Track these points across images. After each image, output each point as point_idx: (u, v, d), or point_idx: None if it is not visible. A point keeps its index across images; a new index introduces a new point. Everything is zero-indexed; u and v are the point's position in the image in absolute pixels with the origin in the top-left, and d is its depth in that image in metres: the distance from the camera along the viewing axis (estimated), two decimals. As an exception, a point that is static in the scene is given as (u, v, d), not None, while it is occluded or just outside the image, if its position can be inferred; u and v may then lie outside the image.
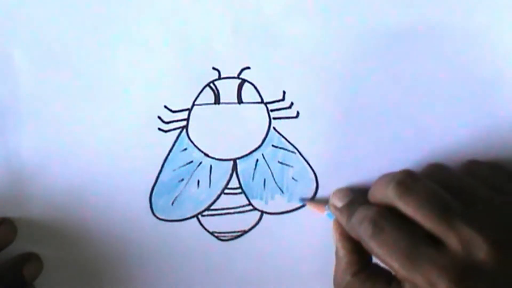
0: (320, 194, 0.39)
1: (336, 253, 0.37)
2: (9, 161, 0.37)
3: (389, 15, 0.36)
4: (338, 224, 0.37)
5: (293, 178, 0.39)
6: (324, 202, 0.39)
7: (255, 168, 0.39)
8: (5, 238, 0.37)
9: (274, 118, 0.38)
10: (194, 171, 0.39)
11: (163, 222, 0.39)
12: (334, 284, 0.36)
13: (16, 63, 0.36)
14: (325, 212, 0.38)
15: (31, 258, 0.39)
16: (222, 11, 0.36)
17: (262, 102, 0.38)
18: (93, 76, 0.36)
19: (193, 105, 0.37)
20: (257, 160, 0.39)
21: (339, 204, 0.37)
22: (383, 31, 0.36)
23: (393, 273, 0.33)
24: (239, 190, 0.39)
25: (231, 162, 0.39)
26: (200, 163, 0.38)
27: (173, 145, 0.38)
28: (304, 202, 0.39)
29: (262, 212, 0.40)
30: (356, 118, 0.38)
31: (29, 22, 0.36)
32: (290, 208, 0.40)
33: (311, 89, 0.37)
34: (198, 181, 0.39)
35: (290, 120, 0.38)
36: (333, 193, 0.38)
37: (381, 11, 0.36)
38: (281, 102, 0.38)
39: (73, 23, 0.36)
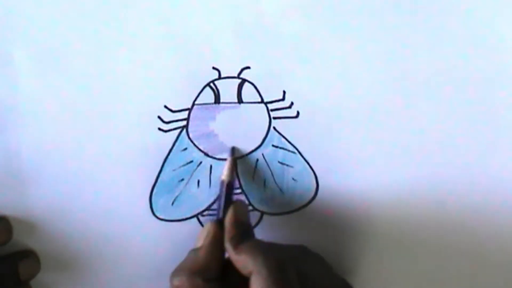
0: (320, 194, 0.39)
1: (197, 250, 0.35)
2: (9, 161, 0.37)
3: (389, 15, 0.36)
4: (218, 233, 0.35)
5: (293, 179, 0.39)
6: None
7: (255, 168, 0.39)
8: (0, 237, 0.37)
9: (274, 118, 0.38)
10: (194, 171, 0.39)
11: (163, 222, 0.39)
12: (174, 275, 0.34)
13: (16, 63, 0.36)
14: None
15: (28, 255, 0.39)
16: (222, 11, 0.36)
17: (262, 102, 0.38)
18: (93, 76, 0.36)
19: (193, 105, 0.37)
20: (257, 160, 0.39)
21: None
22: (383, 31, 0.37)
23: None
24: (239, 190, 0.39)
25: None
26: (200, 163, 0.38)
27: (173, 145, 0.38)
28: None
29: (262, 212, 0.40)
30: (356, 118, 0.38)
31: (29, 22, 0.36)
32: (290, 208, 0.40)
33: (311, 89, 0.37)
34: (198, 181, 0.39)
35: (290, 120, 0.38)
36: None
37: (381, 11, 0.36)
38: (281, 102, 0.38)
39: (73, 23, 0.36)
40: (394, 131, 0.38)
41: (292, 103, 0.38)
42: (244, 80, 0.37)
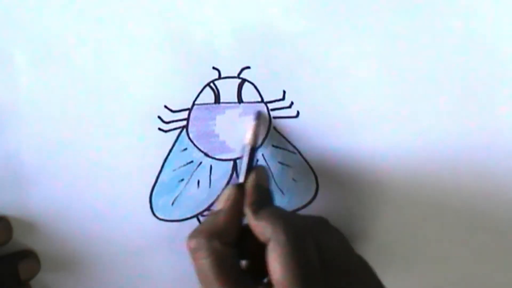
0: (320, 194, 0.39)
1: (217, 213, 0.34)
2: (9, 161, 0.37)
3: (389, 15, 0.36)
4: (239, 197, 0.34)
5: (293, 179, 0.39)
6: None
7: (255, 168, 0.39)
8: (1, 237, 0.37)
9: (274, 118, 0.38)
10: (194, 171, 0.39)
11: (163, 222, 0.39)
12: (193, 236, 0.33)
13: (16, 63, 0.36)
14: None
15: (28, 255, 0.39)
16: (222, 11, 0.36)
17: (262, 101, 0.38)
18: (93, 76, 0.37)
19: (193, 105, 0.37)
20: (257, 161, 0.39)
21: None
22: (383, 31, 0.37)
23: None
24: (239, 190, 0.39)
25: (231, 162, 0.39)
26: (200, 163, 0.38)
27: (173, 145, 0.38)
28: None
29: (262, 213, 0.40)
30: (356, 118, 0.38)
31: (29, 22, 0.36)
32: (290, 208, 0.39)
33: (311, 89, 0.37)
34: (198, 181, 0.39)
35: (290, 120, 0.38)
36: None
37: (381, 11, 0.36)
38: (281, 102, 0.38)
39: (73, 23, 0.36)
40: (394, 131, 0.38)
41: (292, 103, 0.38)
42: (244, 80, 0.37)
